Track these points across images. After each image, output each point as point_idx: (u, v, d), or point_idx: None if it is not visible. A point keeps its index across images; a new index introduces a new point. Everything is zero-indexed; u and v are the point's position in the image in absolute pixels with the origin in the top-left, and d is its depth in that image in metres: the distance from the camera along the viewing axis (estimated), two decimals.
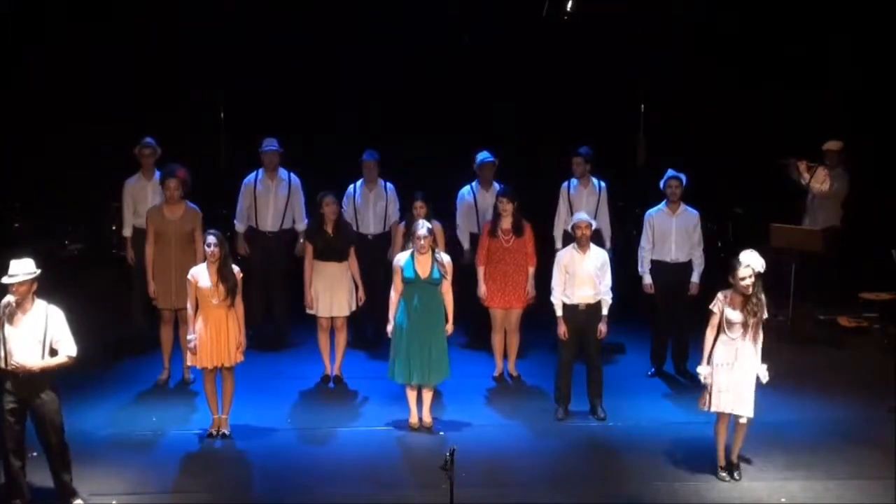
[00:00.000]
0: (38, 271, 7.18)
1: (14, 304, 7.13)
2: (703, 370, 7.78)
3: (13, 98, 12.03)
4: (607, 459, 8.33)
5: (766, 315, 7.76)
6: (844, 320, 11.49)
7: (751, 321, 7.66)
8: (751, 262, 7.62)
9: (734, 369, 7.70)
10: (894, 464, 7.98)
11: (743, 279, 7.61)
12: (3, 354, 7.11)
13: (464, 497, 6.87)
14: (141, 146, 10.51)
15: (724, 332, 7.73)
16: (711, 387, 7.73)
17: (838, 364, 10.42)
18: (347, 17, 12.85)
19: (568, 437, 8.72)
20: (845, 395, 9.46)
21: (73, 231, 13.01)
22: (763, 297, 7.72)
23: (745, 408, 7.71)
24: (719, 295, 7.76)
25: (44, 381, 7.18)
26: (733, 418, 7.81)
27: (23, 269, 7.11)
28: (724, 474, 7.85)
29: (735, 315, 7.68)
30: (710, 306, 7.80)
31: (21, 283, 7.10)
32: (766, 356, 7.82)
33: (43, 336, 7.16)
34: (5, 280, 7.10)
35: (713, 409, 7.77)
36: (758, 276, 7.64)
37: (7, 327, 7.12)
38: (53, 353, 7.22)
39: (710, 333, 7.81)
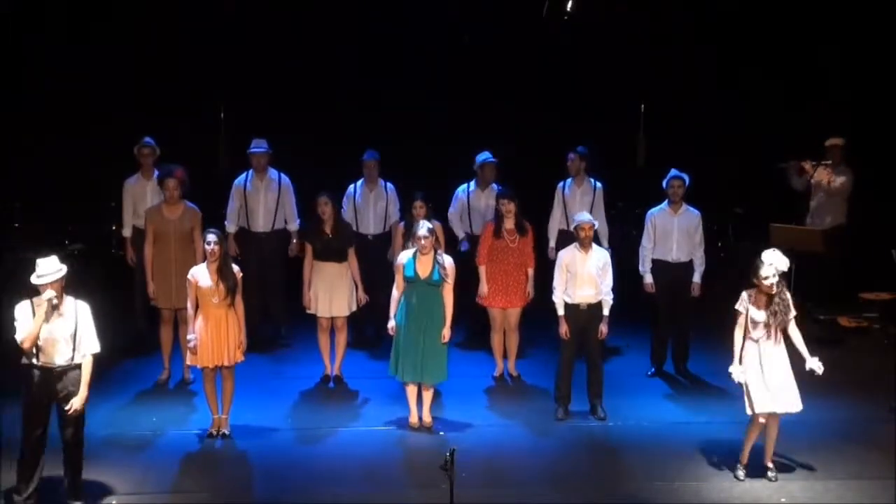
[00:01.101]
0: (65, 267, 7.21)
1: (55, 301, 7.14)
2: (734, 370, 7.68)
3: (13, 98, 12.02)
4: (607, 459, 8.33)
5: (793, 313, 7.71)
6: (844, 320, 11.48)
7: (773, 322, 7.62)
8: (774, 262, 7.58)
9: (764, 370, 7.65)
10: (894, 464, 7.98)
11: (766, 278, 7.57)
12: (35, 349, 7.13)
13: (464, 497, 6.87)
14: (140, 146, 10.50)
15: (749, 332, 7.68)
16: (748, 389, 7.64)
17: (838, 364, 10.37)
18: (347, 17, 12.85)
19: (568, 437, 8.72)
20: (845, 395, 9.45)
21: (73, 231, 13.00)
22: (788, 296, 7.69)
23: (790, 405, 7.64)
24: (743, 294, 7.70)
25: (77, 378, 7.22)
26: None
27: (51, 267, 7.13)
28: (740, 472, 7.81)
29: (759, 315, 7.64)
30: (736, 306, 7.71)
31: (54, 281, 7.12)
32: None
33: (74, 332, 7.20)
34: (37, 280, 7.11)
35: (758, 410, 7.65)
36: (781, 275, 7.61)
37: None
38: None
39: (738, 333, 7.73)
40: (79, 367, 7.25)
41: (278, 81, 12.91)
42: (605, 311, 8.97)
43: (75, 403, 7.17)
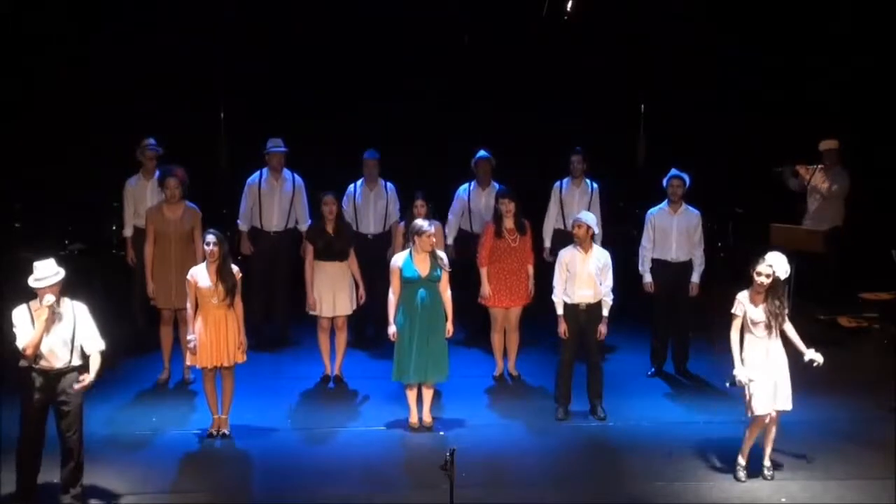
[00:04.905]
0: (63, 270, 7.19)
1: (55, 306, 7.11)
2: (739, 373, 7.62)
3: (13, 98, 12.02)
4: (607, 459, 8.33)
5: (786, 311, 7.70)
6: (844, 320, 11.48)
7: (773, 322, 7.61)
8: (773, 263, 7.57)
9: (767, 368, 7.64)
10: (894, 464, 7.98)
11: (759, 274, 7.57)
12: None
13: (464, 497, 6.87)
14: (144, 148, 10.53)
15: (751, 331, 7.66)
16: (751, 390, 7.60)
17: (838, 364, 10.37)
18: (347, 18, 12.85)
19: (568, 437, 8.72)
20: (845, 395, 9.46)
21: (74, 231, 13.00)
22: (785, 301, 7.67)
23: (784, 402, 7.66)
24: (739, 296, 7.70)
25: (72, 379, 7.19)
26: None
27: (49, 270, 7.11)
28: (741, 474, 7.79)
29: (758, 314, 7.63)
30: (732, 310, 7.71)
31: (52, 285, 7.09)
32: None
33: (72, 336, 7.19)
34: (35, 283, 7.08)
35: (761, 412, 7.62)
36: (776, 279, 7.58)
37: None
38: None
39: (734, 336, 7.71)
40: (76, 369, 7.22)
41: (278, 81, 12.91)
42: (605, 312, 8.97)
43: (85, 381, 7.11)
